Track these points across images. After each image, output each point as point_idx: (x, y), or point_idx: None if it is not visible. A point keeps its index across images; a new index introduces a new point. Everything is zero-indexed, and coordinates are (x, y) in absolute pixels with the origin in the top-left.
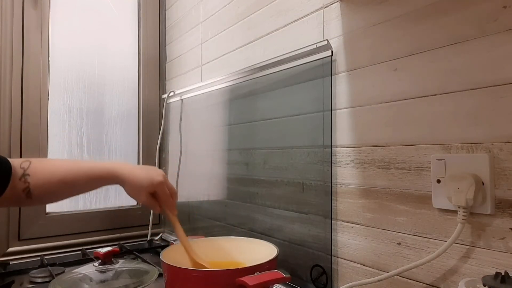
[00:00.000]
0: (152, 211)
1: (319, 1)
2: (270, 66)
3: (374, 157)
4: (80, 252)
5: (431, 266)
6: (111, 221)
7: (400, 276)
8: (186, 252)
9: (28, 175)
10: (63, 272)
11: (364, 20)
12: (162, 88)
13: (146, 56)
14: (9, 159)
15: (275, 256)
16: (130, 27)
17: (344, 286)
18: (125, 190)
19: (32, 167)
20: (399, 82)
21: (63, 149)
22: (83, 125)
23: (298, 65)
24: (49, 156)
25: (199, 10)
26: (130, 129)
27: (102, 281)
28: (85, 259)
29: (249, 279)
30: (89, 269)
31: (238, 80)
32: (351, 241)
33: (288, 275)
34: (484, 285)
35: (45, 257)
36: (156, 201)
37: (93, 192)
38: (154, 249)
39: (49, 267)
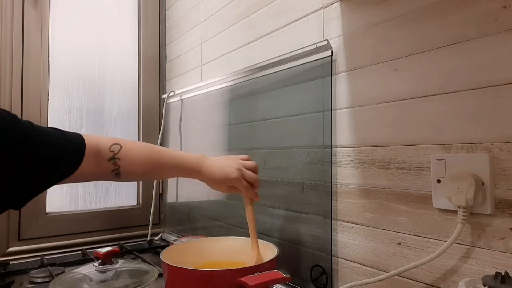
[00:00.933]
0: (151, 212)
1: (319, 1)
2: (270, 66)
3: (374, 157)
4: (80, 252)
5: (431, 266)
6: (111, 221)
7: (400, 276)
8: (252, 242)
9: (118, 159)
10: (63, 272)
11: (364, 20)
12: (162, 88)
13: (146, 56)
14: (92, 137)
15: (275, 256)
16: (130, 27)
17: (344, 286)
18: (208, 185)
19: (123, 152)
20: (399, 82)
21: None
22: (83, 125)
23: (298, 65)
24: None
25: (199, 10)
26: (130, 129)
27: (102, 281)
28: (85, 259)
29: (249, 279)
30: (89, 269)
31: (238, 80)
32: (351, 241)
33: (288, 275)
34: (484, 285)
35: (45, 257)
36: (239, 190)
37: (93, 192)
38: (154, 249)
39: (49, 267)
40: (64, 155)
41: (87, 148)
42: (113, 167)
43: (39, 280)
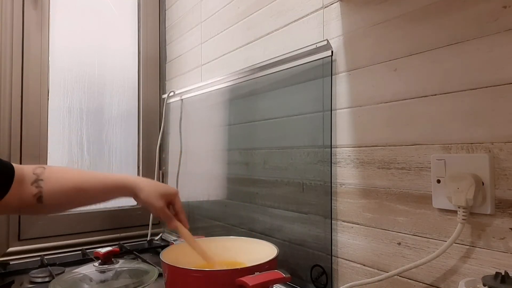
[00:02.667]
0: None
1: (319, 1)
2: (270, 66)
3: (374, 157)
4: (80, 252)
5: (431, 266)
6: (111, 221)
7: (400, 276)
8: (207, 262)
9: (42, 180)
10: (63, 272)
11: (364, 20)
12: (162, 88)
13: (146, 56)
14: (19, 165)
15: (275, 256)
16: (130, 27)
17: (344, 286)
18: (140, 197)
19: (46, 174)
20: (399, 82)
21: (63, 149)
22: (83, 125)
23: (298, 65)
24: (48, 156)
25: (199, 10)
26: (130, 129)
27: (102, 281)
28: (85, 259)
29: (249, 279)
30: (89, 269)
31: (238, 80)
32: (351, 241)
33: (288, 275)
34: (484, 285)
35: (45, 257)
36: (171, 212)
37: None
38: (154, 249)
39: (49, 267)
40: None
41: (15, 175)
42: (36, 191)
43: (39, 280)
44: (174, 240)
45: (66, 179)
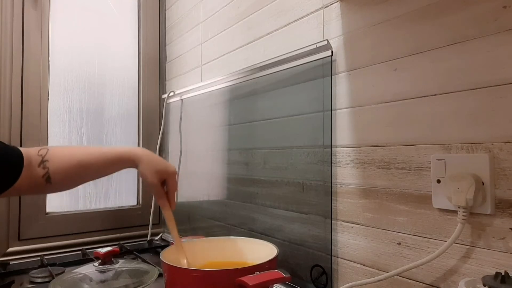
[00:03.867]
0: (151, 212)
1: (319, 1)
2: (270, 66)
3: (374, 157)
4: (80, 252)
5: (431, 266)
6: (111, 221)
7: (400, 276)
8: (176, 249)
9: (47, 161)
10: (63, 272)
11: (364, 20)
12: (162, 88)
13: (146, 56)
14: (23, 148)
15: (275, 256)
16: (130, 27)
17: (344, 286)
18: (139, 169)
19: (50, 153)
20: (399, 82)
21: None
22: (83, 125)
23: (298, 65)
24: None
25: (199, 10)
26: (130, 129)
27: (102, 281)
28: (85, 259)
29: (249, 279)
30: (89, 269)
31: (238, 80)
32: (351, 241)
33: (288, 275)
34: (484, 285)
35: (45, 257)
36: (164, 190)
37: (93, 192)
38: (154, 249)
39: (49, 267)
40: (4, 167)
41: (24, 159)
42: (43, 172)
43: (39, 280)
44: (174, 240)
45: (70, 156)
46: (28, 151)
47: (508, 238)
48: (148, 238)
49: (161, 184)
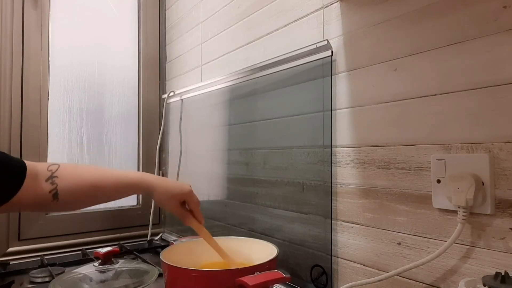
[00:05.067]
0: (151, 212)
1: (319, 1)
2: (270, 66)
3: (374, 157)
4: (80, 252)
5: (431, 266)
6: (111, 221)
7: (400, 276)
8: (221, 257)
9: (56, 177)
10: (63, 272)
11: (364, 20)
12: (162, 88)
13: (146, 56)
14: (32, 162)
15: (275, 256)
16: (130, 27)
17: (344, 286)
18: (155, 199)
19: (60, 170)
20: (399, 82)
21: (63, 149)
22: (83, 125)
23: (298, 65)
24: (49, 155)
25: (199, 10)
26: (130, 129)
27: (102, 281)
28: (85, 259)
29: (249, 279)
30: (89, 269)
31: (238, 80)
32: (351, 241)
33: (288, 275)
34: (484, 285)
35: (45, 257)
36: (187, 210)
37: None
38: (154, 249)
39: (49, 267)
40: (4, 176)
41: (27, 171)
42: (51, 187)
43: (39, 280)
44: (174, 240)
45: (82, 175)
46: (36, 165)
47: (508, 238)
48: (148, 238)
49: (182, 205)
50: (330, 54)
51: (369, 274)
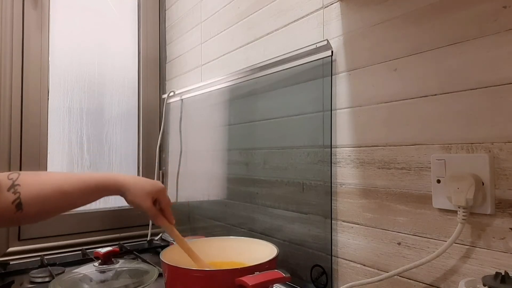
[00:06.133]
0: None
1: (319, 1)
2: (270, 66)
3: (374, 157)
4: (80, 252)
5: (431, 266)
6: (111, 221)
7: (400, 276)
8: (192, 259)
9: (18, 185)
10: (63, 272)
11: (364, 20)
12: (162, 88)
13: (146, 56)
14: None
15: (275, 256)
16: (130, 27)
17: (344, 286)
18: (128, 198)
19: (22, 178)
20: (399, 82)
21: (63, 149)
22: (83, 125)
23: (298, 65)
24: (49, 155)
25: (199, 10)
26: (130, 129)
27: (102, 281)
28: (85, 259)
29: (249, 279)
30: (89, 269)
31: (238, 80)
32: (351, 241)
33: (288, 275)
34: (484, 285)
35: (45, 257)
36: (158, 209)
37: None
38: (154, 249)
39: (49, 267)
40: None
41: None
42: (14, 197)
43: (39, 280)
44: (174, 240)
45: (45, 181)
46: None
47: (508, 238)
48: (148, 238)
49: (154, 204)
50: (330, 54)
51: (369, 274)
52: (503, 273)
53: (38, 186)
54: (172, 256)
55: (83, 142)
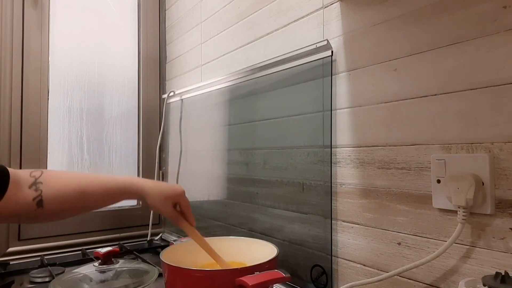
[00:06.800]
0: (151, 212)
1: (319, 1)
2: (270, 66)
3: (374, 157)
4: (80, 252)
5: (431, 266)
6: (111, 221)
7: (400, 276)
8: (214, 259)
9: (41, 183)
10: (63, 272)
11: (364, 20)
12: (162, 88)
13: (146, 56)
14: (12, 169)
15: (275, 256)
16: (130, 27)
17: (344, 286)
18: (148, 203)
19: (45, 176)
20: (399, 82)
21: (63, 149)
22: (83, 125)
23: (298, 65)
24: (49, 156)
25: (199, 10)
26: (130, 129)
27: (102, 281)
28: (85, 259)
29: (249, 279)
30: (89, 269)
31: (238, 80)
32: (351, 241)
33: (288, 275)
34: (484, 285)
35: (45, 257)
36: (179, 213)
37: None
38: (154, 249)
39: (49, 267)
40: None
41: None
42: (35, 194)
43: (39, 280)
44: (174, 240)
45: (67, 181)
46: (18, 172)
47: (508, 238)
48: (148, 238)
49: (174, 207)
50: (330, 54)
51: (369, 274)
52: (503, 273)
53: (60, 186)
54: (172, 256)
55: (83, 142)
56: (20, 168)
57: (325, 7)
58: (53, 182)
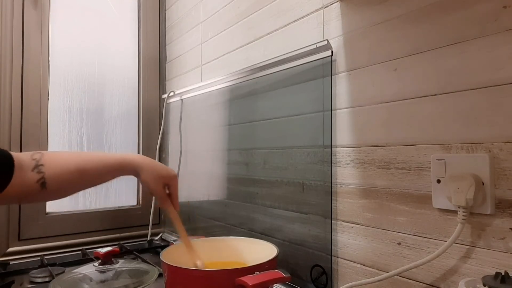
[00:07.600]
0: (151, 212)
1: (319, 1)
2: (270, 66)
3: (374, 157)
4: (80, 252)
5: (431, 266)
6: (111, 221)
7: (400, 276)
8: (187, 250)
9: (42, 165)
10: (63, 272)
11: (364, 20)
12: (162, 88)
13: (146, 56)
14: (14, 152)
15: (275, 256)
16: (130, 27)
17: (344, 286)
18: (141, 178)
19: (45, 158)
20: (399, 82)
21: (63, 149)
22: (83, 125)
23: (298, 65)
24: None
25: (199, 10)
26: (130, 129)
27: (102, 281)
28: (85, 259)
29: (249, 279)
30: (89, 269)
31: (238, 80)
32: (351, 241)
33: (288, 275)
34: (484, 285)
35: (45, 257)
36: (166, 194)
37: (93, 192)
38: (154, 249)
39: (49, 267)
40: None
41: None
42: (38, 177)
43: (39, 280)
44: (174, 240)
45: (67, 161)
46: (19, 155)
47: (508, 238)
48: (148, 238)
49: (164, 189)
50: (330, 54)
51: (369, 274)
52: (503, 273)
53: (60, 166)
54: (172, 256)
55: (83, 142)
56: None
57: (325, 7)
58: (53, 163)
